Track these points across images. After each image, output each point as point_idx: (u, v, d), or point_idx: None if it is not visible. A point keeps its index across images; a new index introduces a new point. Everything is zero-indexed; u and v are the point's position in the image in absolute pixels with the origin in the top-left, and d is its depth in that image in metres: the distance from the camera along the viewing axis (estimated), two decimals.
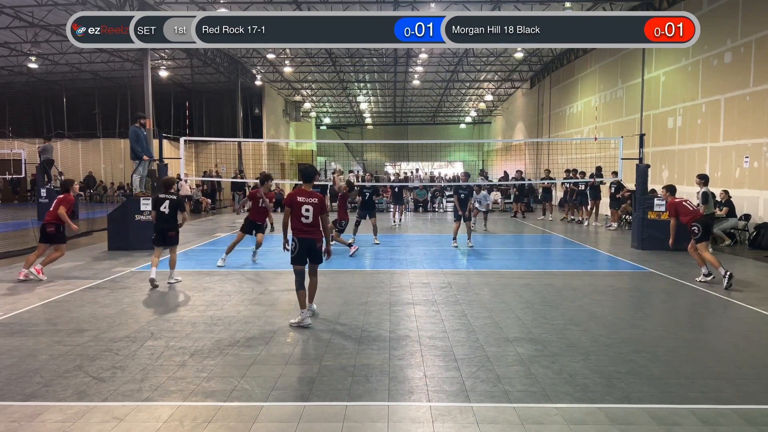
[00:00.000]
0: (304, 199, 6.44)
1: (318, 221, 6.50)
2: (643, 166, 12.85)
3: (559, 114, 28.39)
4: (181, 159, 15.03)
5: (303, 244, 6.42)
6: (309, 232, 6.44)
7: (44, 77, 32.59)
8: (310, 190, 6.56)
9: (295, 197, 6.47)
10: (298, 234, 6.44)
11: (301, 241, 6.42)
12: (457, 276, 9.50)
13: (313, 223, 6.46)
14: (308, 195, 6.48)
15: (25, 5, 20.54)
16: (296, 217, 6.43)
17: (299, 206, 6.42)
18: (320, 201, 6.51)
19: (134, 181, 13.15)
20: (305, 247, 6.43)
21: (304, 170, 6.74)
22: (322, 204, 6.54)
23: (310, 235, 6.44)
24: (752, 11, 13.74)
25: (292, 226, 6.47)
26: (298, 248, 6.42)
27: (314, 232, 6.49)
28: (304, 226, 6.43)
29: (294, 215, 6.44)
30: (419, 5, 20.55)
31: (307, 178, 6.67)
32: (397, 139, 50.53)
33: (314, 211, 6.44)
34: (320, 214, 6.50)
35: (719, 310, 7.28)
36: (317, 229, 6.52)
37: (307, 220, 6.42)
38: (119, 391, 4.52)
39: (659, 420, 4.02)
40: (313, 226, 6.47)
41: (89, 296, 7.88)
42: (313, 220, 6.45)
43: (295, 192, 6.56)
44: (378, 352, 5.49)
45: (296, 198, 6.45)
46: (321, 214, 6.51)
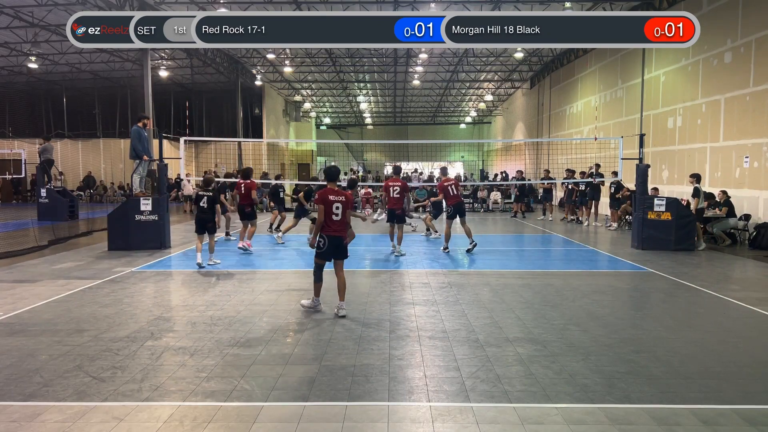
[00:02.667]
0: (335, 197, 6.77)
1: (346, 218, 6.84)
2: (643, 166, 12.85)
3: (559, 114, 28.39)
4: (181, 159, 15.03)
5: (332, 242, 6.76)
6: (338, 230, 6.79)
7: (44, 77, 32.59)
8: (337, 189, 6.91)
9: (326, 196, 6.75)
10: (327, 231, 6.76)
11: (330, 238, 6.76)
12: (457, 276, 9.50)
13: (342, 220, 6.79)
14: (337, 194, 6.82)
15: (25, 5, 20.54)
16: (327, 215, 6.73)
17: (330, 204, 6.72)
18: (348, 198, 6.88)
19: (134, 181, 13.15)
20: (333, 245, 6.77)
21: (329, 171, 7.05)
22: (350, 201, 6.92)
23: (338, 233, 6.80)
24: (752, 11, 13.74)
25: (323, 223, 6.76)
26: (327, 245, 6.76)
27: (343, 230, 6.84)
28: (334, 223, 6.75)
29: (325, 213, 6.72)
30: (419, 5, 20.56)
31: (331, 178, 7.00)
32: (397, 139, 50.57)
33: (343, 208, 6.79)
34: (347, 210, 6.85)
35: (719, 310, 7.27)
36: (345, 227, 6.88)
37: (337, 218, 6.75)
38: (119, 391, 4.52)
39: (659, 420, 4.02)
40: (342, 223, 6.81)
41: (89, 296, 7.88)
42: (342, 217, 6.78)
43: (325, 191, 6.83)
44: (378, 352, 5.49)
45: (328, 197, 6.75)
46: (348, 210, 6.86)
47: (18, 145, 29.91)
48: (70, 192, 23.52)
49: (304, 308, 7.01)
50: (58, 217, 18.71)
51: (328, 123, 54.50)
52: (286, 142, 41.40)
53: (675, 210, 12.37)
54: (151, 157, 13.24)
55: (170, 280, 9.20)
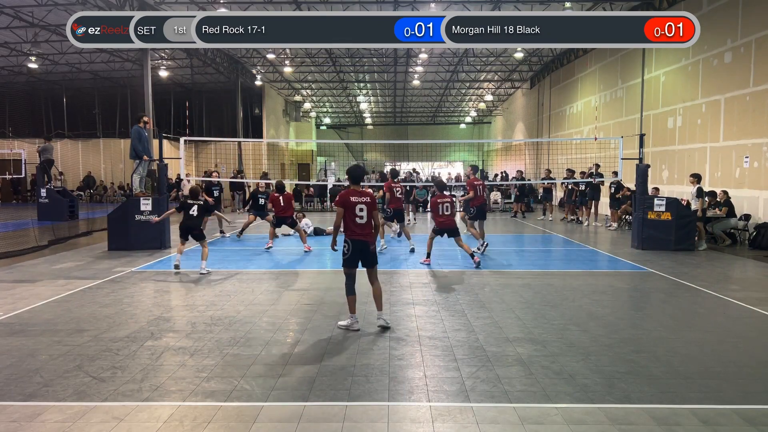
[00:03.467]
0: (357, 199, 6.29)
1: (371, 221, 6.39)
2: (643, 166, 12.85)
3: (559, 114, 28.39)
4: (181, 159, 15.03)
5: (356, 246, 6.27)
6: (363, 234, 6.29)
7: (44, 77, 32.59)
8: (361, 189, 6.43)
9: (348, 197, 6.30)
10: (351, 235, 6.28)
11: (354, 242, 6.26)
12: (457, 276, 9.50)
13: (367, 223, 6.32)
14: (360, 194, 6.36)
15: (25, 5, 20.53)
16: (350, 218, 6.26)
17: (353, 206, 6.25)
18: (372, 199, 6.43)
19: (134, 181, 13.16)
20: (358, 249, 6.28)
21: (353, 171, 6.50)
22: (374, 202, 6.46)
23: (363, 237, 6.29)
24: (752, 11, 13.74)
25: (346, 226, 6.31)
26: (351, 250, 6.27)
27: (368, 233, 6.34)
28: (357, 227, 6.27)
29: (347, 216, 6.26)
30: (419, 5, 20.55)
31: (355, 180, 6.47)
32: (397, 139, 50.56)
33: (368, 210, 6.32)
34: (373, 211, 6.40)
35: (719, 310, 7.27)
36: (371, 230, 6.39)
37: (361, 221, 6.28)
38: (119, 391, 4.52)
39: (659, 420, 4.02)
40: (367, 226, 6.33)
41: (89, 296, 7.88)
42: (367, 219, 6.32)
43: (347, 192, 6.38)
44: (378, 352, 5.49)
45: (349, 198, 6.28)
46: (373, 211, 6.41)
47: (18, 145, 29.91)
48: (70, 192, 23.53)
49: (343, 327, 6.32)
50: (58, 217, 18.71)
51: (328, 123, 54.50)
52: (286, 142, 41.39)
53: (675, 210, 12.37)
54: (151, 157, 13.24)
55: (170, 280, 9.19)
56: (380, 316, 6.39)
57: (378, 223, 6.49)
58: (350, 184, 6.50)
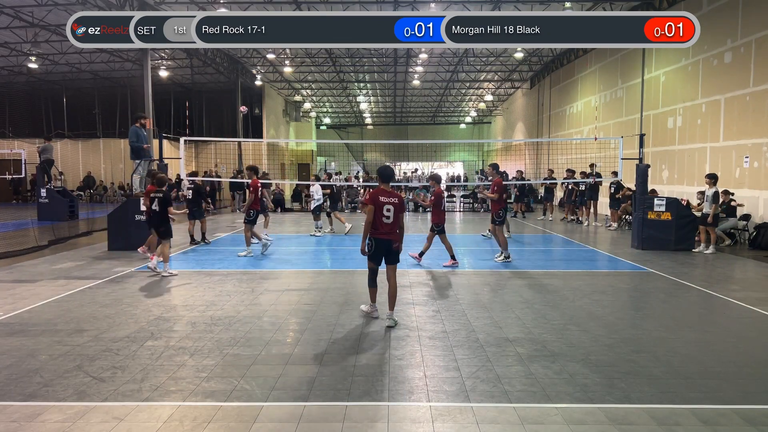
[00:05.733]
0: (386, 199, 6.49)
1: (397, 222, 6.56)
2: (643, 166, 12.85)
3: (559, 114, 28.39)
4: (181, 159, 15.03)
5: (380, 245, 6.50)
6: (388, 233, 6.50)
7: (44, 77, 32.60)
8: (390, 190, 6.60)
9: (377, 197, 6.50)
10: (375, 234, 6.49)
11: (378, 241, 6.49)
12: (457, 276, 9.50)
13: (393, 223, 6.51)
14: (389, 195, 6.55)
15: (25, 5, 20.54)
16: (377, 217, 6.46)
17: (381, 206, 6.46)
18: (400, 201, 6.61)
19: (134, 181, 13.16)
20: (382, 248, 6.52)
21: (383, 172, 6.72)
22: (402, 204, 6.65)
23: (388, 236, 6.50)
24: (752, 11, 13.74)
25: (373, 225, 6.48)
26: (374, 247, 6.51)
27: (393, 233, 6.53)
28: (384, 226, 6.48)
29: (377, 215, 6.46)
30: (419, 5, 20.55)
31: (386, 179, 6.66)
32: (397, 139, 50.56)
33: (395, 210, 6.50)
34: (400, 213, 6.57)
35: (719, 310, 7.27)
36: (395, 230, 6.57)
37: (387, 220, 6.48)
38: (119, 391, 4.52)
39: (659, 420, 4.02)
40: (392, 226, 6.52)
41: (89, 296, 7.87)
42: (394, 219, 6.51)
43: (376, 191, 6.57)
44: (378, 352, 5.49)
45: (379, 198, 6.49)
46: (400, 213, 6.58)
47: (18, 145, 29.92)
48: (70, 192, 23.52)
49: (363, 313, 6.88)
50: (58, 217, 18.72)
51: (328, 123, 54.50)
52: (286, 142, 41.39)
53: (675, 210, 12.38)
54: (150, 156, 13.24)
55: (170, 280, 9.19)
56: (390, 316, 6.52)
57: (402, 224, 6.75)
58: (380, 184, 6.66)
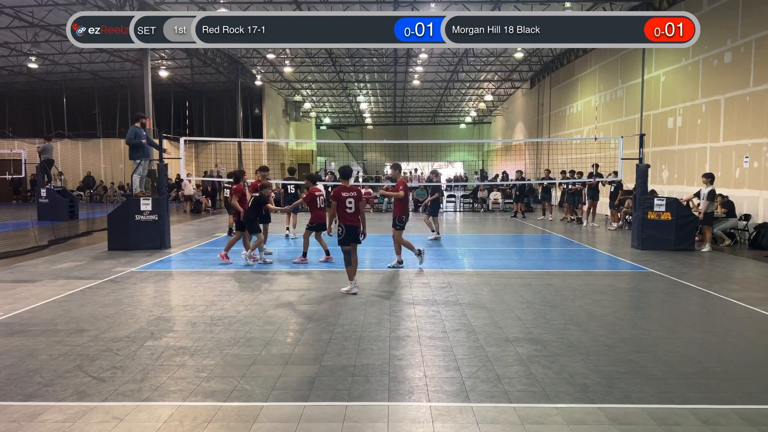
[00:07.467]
0: (347, 194, 8.01)
1: (359, 210, 8.06)
2: (643, 166, 12.85)
3: (559, 114, 28.39)
4: (181, 159, 15.03)
5: (349, 230, 7.96)
6: (353, 220, 8.01)
7: (44, 77, 32.60)
8: (350, 186, 8.13)
9: (339, 193, 7.98)
10: (344, 221, 7.97)
11: (347, 227, 7.96)
12: (457, 276, 9.50)
13: (355, 212, 8.02)
14: (349, 190, 8.07)
15: (25, 5, 20.54)
16: (342, 209, 7.98)
17: (344, 200, 7.97)
18: (359, 194, 8.13)
19: (134, 181, 13.15)
20: (351, 232, 7.98)
21: (343, 171, 8.26)
22: (361, 196, 8.15)
23: (353, 223, 8.02)
24: (752, 11, 13.74)
25: (339, 215, 8.00)
26: (344, 233, 7.94)
27: (356, 220, 8.04)
28: (348, 215, 7.98)
29: (340, 207, 7.98)
30: (419, 5, 20.56)
31: (346, 176, 8.18)
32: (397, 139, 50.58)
33: (355, 201, 8.03)
34: (359, 203, 8.07)
35: (719, 310, 7.27)
36: (358, 218, 8.07)
37: (351, 210, 8.00)
38: (119, 391, 4.52)
39: (659, 420, 4.02)
40: (355, 215, 8.02)
41: (89, 296, 7.88)
42: (356, 209, 8.02)
43: (339, 188, 8.04)
44: (378, 352, 5.48)
45: (341, 193, 7.98)
46: (359, 203, 8.08)
47: (18, 145, 29.93)
48: (70, 192, 23.53)
49: (343, 293, 7.95)
50: (58, 217, 18.72)
51: (328, 123, 54.51)
52: (286, 142, 41.39)
53: (675, 210, 12.37)
54: (150, 156, 13.24)
55: (170, 280, 9.20)
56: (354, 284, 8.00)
57: (363, 212, 8.25)
58: (342, 181, 8.15)
